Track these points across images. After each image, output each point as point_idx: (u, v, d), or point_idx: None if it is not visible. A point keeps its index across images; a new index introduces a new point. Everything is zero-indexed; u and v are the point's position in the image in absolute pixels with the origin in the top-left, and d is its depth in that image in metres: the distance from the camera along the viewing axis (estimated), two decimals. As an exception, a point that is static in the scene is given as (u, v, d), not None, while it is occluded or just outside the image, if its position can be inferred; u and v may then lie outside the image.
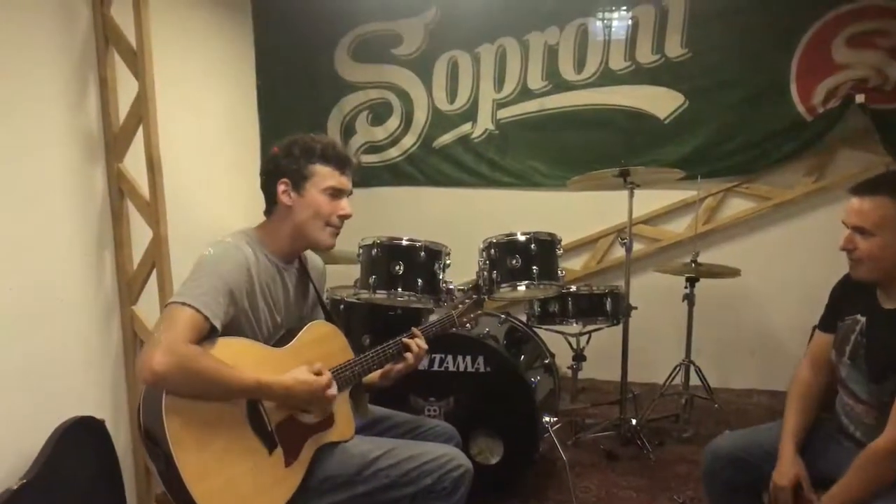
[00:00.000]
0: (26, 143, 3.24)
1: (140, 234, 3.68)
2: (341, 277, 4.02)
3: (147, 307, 3.67)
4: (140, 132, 3.57)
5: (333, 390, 2.24)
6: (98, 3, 3.53)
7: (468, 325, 2.81)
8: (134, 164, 3.65)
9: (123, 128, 3.60)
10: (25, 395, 3.11)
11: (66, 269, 3.42)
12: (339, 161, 2.30)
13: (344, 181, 2.32)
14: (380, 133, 5.57)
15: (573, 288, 4.04)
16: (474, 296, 2.87)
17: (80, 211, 3.51)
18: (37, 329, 3.23)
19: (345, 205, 2.32)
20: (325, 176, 2.28)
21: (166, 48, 3.81)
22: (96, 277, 3.59)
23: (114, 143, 3.60)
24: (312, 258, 2.56)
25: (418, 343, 2.51)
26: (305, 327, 2.32)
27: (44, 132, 3.35)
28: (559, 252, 3.61)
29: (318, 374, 2.21)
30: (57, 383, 3.28)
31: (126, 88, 3.62)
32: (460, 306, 2.81)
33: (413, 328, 2.56)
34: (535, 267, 3.45)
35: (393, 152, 5.55)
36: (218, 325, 2.07)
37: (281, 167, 2.28)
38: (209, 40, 4.44)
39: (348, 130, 5.62)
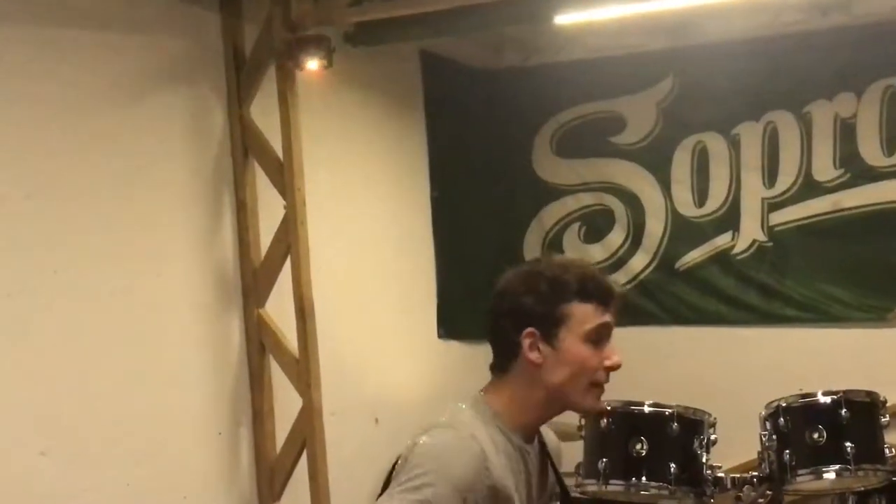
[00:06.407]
0: (146, 287, 3.51)
1: (286, 404, 3.82)
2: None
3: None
4: (287, 267, 3.78)
5: None
6: (235, 103, 3.87)
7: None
8: (278, 308, 3.86)
9: (266, 262, 3.83)
10: None
11: (193, 456, 3.60)
12: (603, 293, 2.31)
13: (608, 318, 2.32)
14: (598, 252, 5.60)
15: (909, 474, 3.80)
16: (768, 492, 2.73)
17: (210, 373, 3.72)
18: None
19: (613, 352, 2.31)
20: (586, 317, 2.28)
21: (318, 157, 4.06)
22: (229, 464, 3.74)
23: (253, 283, 3.83)
24: (544, 429, 2.57)
25: None
26: None
27: (167, 271, 3.61)
28: (884, 420, 3.41)
29: None
30: None
31: (269, 211, 3.87)
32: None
33: None
34: (848, 443, 3.27)
35: (618, 279, 5.50)
36: None
37: (524, 310, 2.31)
38: (372, 144, 4.72)
39: (552, 250, 5.68)
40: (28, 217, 3.13)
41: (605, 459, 3.34)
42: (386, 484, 2.24)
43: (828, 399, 3.37)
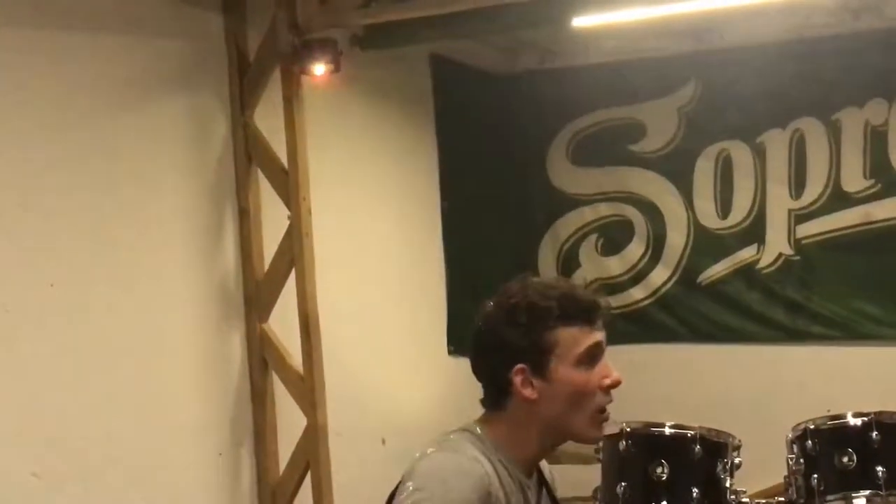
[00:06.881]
0: (144, 300, 3.53)
1: (289, 423, 3.84)
2: (569, 485, 3.97)
3: (297, 528, 3.80)
4: (291, 280, 3.80)
5: None
6: (238, 108, 3.89)
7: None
8: (282, 323, 3.88)
9: (269, 274, 3.85)
10: None
11: (192, 477, 3.62)
12: (587, 311, 2.35)
13: (598, 335, 2.32)
14: (615, 266, 5.61)
15: (943, 502, 3.80)
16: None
17: (210, 390, 3.73)
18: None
19: (609, 370, 2.31)
20: (574, 340, 2.28)
21: (324, 165, 4.08)
22: (230, 486, 3.76)
23: (256, 296, 3.85)
24: None
25: None
26: None
27: (166, 283, 3.63)
28: (917, 444, 3.42)
29: None
30: None
31: (273, 221, 3.89)
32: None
33: None
34: (879, 468, 3.24)
35: (637, 293, 5.55)
36: None
37: (508, 346, 2.30)
38: (380, 151, 4.74)
39: (568, 263, 5.70)
40: (24, 227, 3.16)
41: (623, 484, 3.32)
42: None
43: (858, 421, 3.34)
